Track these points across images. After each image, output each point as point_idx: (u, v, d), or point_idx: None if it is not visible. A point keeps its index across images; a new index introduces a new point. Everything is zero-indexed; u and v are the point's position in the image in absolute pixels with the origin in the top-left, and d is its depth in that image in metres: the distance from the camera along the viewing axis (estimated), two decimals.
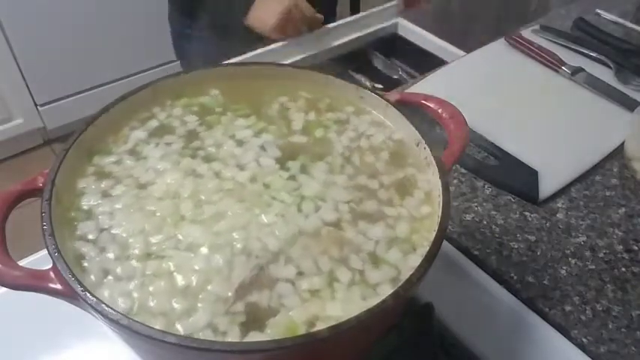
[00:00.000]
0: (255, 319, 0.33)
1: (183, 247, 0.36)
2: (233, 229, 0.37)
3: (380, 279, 0.35)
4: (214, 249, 0.36)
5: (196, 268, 0.35)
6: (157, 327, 0.31)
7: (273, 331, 0.32)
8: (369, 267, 0.36)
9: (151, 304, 0.33)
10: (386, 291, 0.34)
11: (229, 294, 0.34)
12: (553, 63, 0.77)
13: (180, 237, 0.37)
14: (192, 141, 0.44)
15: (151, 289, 0.34)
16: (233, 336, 0.32)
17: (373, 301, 0.31)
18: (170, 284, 0.34)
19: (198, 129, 0.45)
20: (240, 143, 0.44)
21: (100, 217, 0.38)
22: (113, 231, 0.37)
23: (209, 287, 0.34)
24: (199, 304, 0.33)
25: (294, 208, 0.39)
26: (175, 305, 0.33)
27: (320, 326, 0.32)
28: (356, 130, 0.46)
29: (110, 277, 0.34)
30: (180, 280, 0.34)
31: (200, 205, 0.39)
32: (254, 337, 0.32)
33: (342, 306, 0.33)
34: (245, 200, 0.39)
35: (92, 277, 0.34)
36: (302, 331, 0.32)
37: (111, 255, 0.36)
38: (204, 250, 0.36)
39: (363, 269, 0.35)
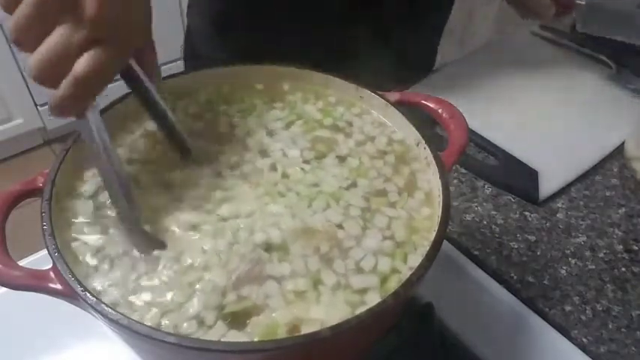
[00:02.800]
0: (236, 316, 0.33)
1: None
2: (239, 214, 0.38)
3: (364, 285, 0.34)
4: (216, 234, 0.37)
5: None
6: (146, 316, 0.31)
7: (252, 331, 0.32)
8: (353, 273, 0.35)
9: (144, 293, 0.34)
10: (372, 297, 0.34)
11: (225, 284, 0.34)
12: None
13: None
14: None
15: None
16: (217, 330, 0.32)
17: (358, 307, 0.32)
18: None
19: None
20: (271, 133, 0.45)
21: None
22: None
23: (207, 276, 0.34)
24: (195, 294, 0.33)
25: (305, 202, 0.39)
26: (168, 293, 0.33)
27: (304, 329, 0.32)
28: (361, 131, 0.46)
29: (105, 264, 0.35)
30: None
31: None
32: (233, 336, 0.32)
33: (326, 309, 0.33)
34: (260, 186, 0.40)
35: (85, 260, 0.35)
36: (282, 333, 0.32)
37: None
38: (206, 233, 0.37)
39: (346, 274, 0.35)
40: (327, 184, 0.41)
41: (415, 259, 0.36)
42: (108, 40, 0.31)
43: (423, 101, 0.44)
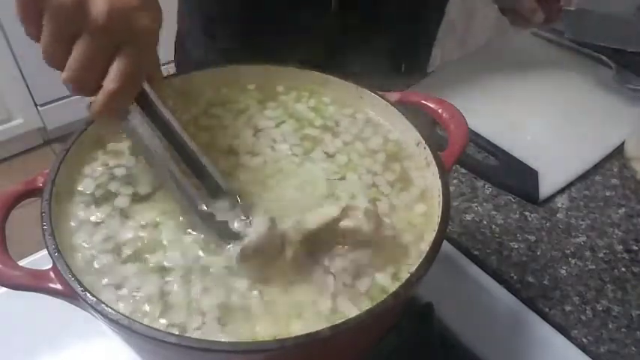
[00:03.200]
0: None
1: None
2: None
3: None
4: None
5: None
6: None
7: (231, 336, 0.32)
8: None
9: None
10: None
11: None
12: None
13: None
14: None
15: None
16: (210, 328, 0.32)
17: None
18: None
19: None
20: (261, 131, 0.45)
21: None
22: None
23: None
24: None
25: (300, 194, 0.39)
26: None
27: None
28: (349, 131, 0.46)
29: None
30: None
31: None
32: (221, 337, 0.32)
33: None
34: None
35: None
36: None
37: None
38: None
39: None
40: (316, 178, 0.41)
41: (415, 259, 0.36)
42: (127, 44, 0.32)
43: (423, 101, 0.44)
